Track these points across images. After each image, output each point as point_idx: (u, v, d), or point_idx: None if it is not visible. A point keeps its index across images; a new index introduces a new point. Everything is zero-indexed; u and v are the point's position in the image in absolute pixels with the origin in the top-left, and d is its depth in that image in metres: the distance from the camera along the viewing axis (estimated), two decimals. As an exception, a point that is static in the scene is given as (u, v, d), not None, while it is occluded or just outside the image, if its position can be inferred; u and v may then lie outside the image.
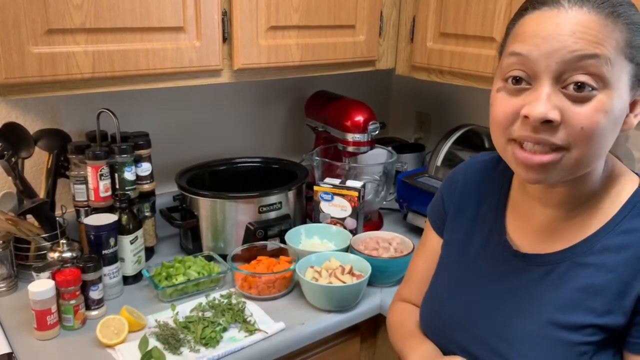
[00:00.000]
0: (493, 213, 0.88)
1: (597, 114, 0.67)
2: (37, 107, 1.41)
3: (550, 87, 0.68)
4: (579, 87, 0.67)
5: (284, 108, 1.88)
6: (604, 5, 0.67)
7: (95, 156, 1.28)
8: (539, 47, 0.68)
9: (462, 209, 0.94)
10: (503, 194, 0.89)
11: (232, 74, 1.32)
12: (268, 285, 1.27)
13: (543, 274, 0.78)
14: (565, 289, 0.75)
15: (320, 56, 1.43)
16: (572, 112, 0.67)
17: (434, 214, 1.02)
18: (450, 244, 0.95)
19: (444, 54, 1.47)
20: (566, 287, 0.75)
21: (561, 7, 0.68)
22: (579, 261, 0.75)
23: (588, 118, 0.67)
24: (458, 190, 0.95)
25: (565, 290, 0.75)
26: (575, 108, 0.67)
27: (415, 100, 2.05)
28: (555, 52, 0.67)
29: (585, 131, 0.67)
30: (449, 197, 0.97)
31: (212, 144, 1.73)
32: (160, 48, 1.18)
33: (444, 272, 0.94)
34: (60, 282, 1.13)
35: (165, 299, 1.26)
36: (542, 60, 0.67)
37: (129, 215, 1.30)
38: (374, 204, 1.67)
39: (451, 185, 0.97)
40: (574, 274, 0.75)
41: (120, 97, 1.43)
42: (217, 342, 1.11)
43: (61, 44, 1.06)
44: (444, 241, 0.97)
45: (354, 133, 1.60)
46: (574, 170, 0.71)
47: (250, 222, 1.43)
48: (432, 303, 0.94)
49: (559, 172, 0.71)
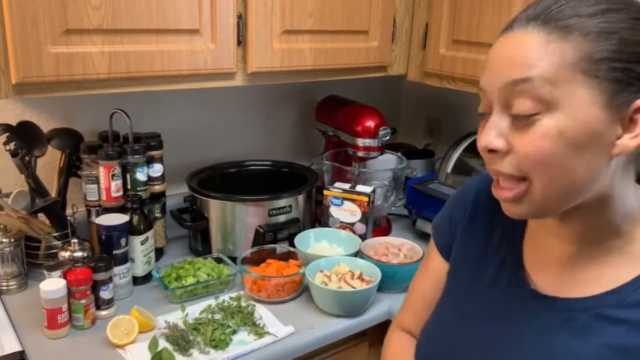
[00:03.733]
0: (507, 241, 0.80)
1: (541, 139, 0.61)
2: (50, 106, 1.42)
3: (499, 115, 0.64)
4: (521, 113, 0.62)
5: (294, 112, 1.88)
6: (550, 20, 0.62)
7: (107, 156, 1.28)
8: (486, 77, 0.66)
9: (472, 234, 0.85)
10: (519, 220, 0.79)
11: (245, 77, 1.32)
12: (277, 289, 1.28)
13: (564, 321, 0.69)
14: (591, 343, 0.66)
15: (333, 61, 1.44)
16: (516, 139, 0.63)
17: (439, 235, 0.93)
18: (458, 272, 0.87)
19: (457, 60, 1.47)
20: (592, 341, 0.66)
21: (510, 31, 0.65)
22: (607, 314, 0.66)
23: (531, 144, 0.62)
24: (468, 214, 0.87)
25: (590, 345, 0.66)
26: (519, 135, 0.63)
27: (425, 107, 2.06)
28: (495, 80, 0.64)
29: (531, 159, 0.62)
30: (456, 220, 0.89)
31: (222, 147, 1.73)
32: (176, 50, 1.18)
33: (451, 303, 0.86)
34: (72, 281, 1.13)
35: (175, 300, 1.27)
36: (489, 90, 0.65)
37: (140, 215, 1.30)
38: (383, 210, 1.67)
39: (460, 207, 0.89)
40: (601, 328, 0.66)
41: (132, 98, 1.44)
42: (226, 344, 1.11)
43: (78, 44, 1.07)
44: (451, 267, 0.89)
45: (365, 138, 1.60)
46: (549, 202, 0.65)
47: (260, 225, 1.43)
48: (433, 336, 0.86)
49: (534, 205, 0.65)
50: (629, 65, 0.60)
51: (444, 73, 1.52)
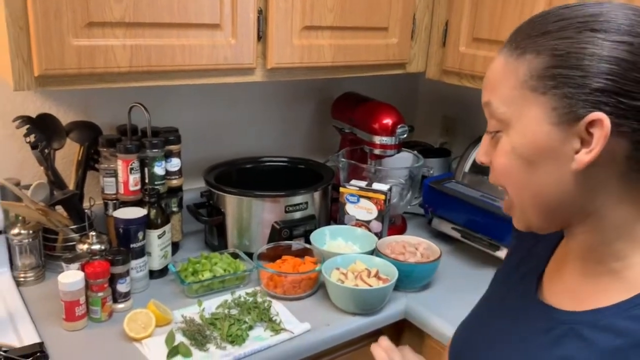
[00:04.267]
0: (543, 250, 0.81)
1: (501, 155, 0.67)
2: (70, 99, 1.42)
3: (487, 133, 0.70)
4: (490, 131, 0.69)
5: (310, 109, 1.88)
6: (512, 43, 0.65)
7: (126, 150, 1.28)
8: None
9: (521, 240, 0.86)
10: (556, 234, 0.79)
11: (264, 73, 1.32)
12: (294, 285, 1.27)
13: (546, 329, 0.71)
14: (552, 353, 0.68)
15: (352, 57, 1.43)
16: (492, 155, 0.69)
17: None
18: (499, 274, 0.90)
19: (477, 59, 1.46)
20: (554, 352, 0.68)
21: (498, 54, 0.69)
22: (578, 330, 0.67)
23: (495, 160, 0.68)
24: None
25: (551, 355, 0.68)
26: (494, 152, 0.69)
27: (442, 105, 2.04)
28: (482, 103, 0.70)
29: (497, 173, 0.69)
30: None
31: (237, 142, 1.73)
32: (197, 44, 1.18)
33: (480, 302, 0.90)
34: (89, 274, 1.13)
35: (191, 294, 1.27)
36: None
37: (157, 209, 1.30)
38: (399, 208, 1.66)
39: None
40: (567, 342, 0.67)
41: (150, 92, 1.44)
42: (243, 340, 1.11)
43: (100, 37, 1.07)
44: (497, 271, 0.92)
45: (382, 136, 1.59)
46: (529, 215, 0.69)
47: (276, 221, 1.43)
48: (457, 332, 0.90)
49: (518, 217, 0.70)
50: (577, 80, 0.59)
51: (464, 71, 1.50)
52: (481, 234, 1.47)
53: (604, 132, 0.58)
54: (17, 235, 1.26)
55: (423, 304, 1.30)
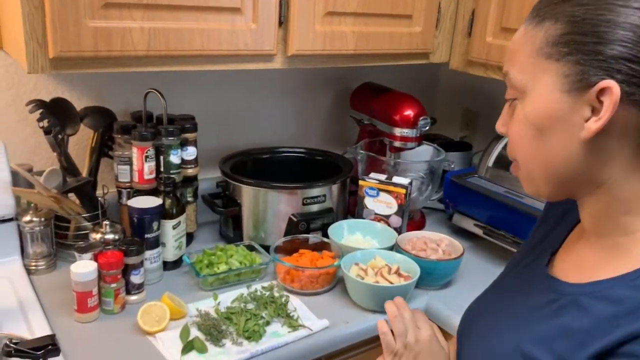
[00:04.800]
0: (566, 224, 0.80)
1: (516, 123, 0.67)
2: (83, 84, 1.38)
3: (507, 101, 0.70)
4: (508, 99, 0.69)
5: (327, 99, 1.83)
6: (534, 13, 0.65)
7: (142, 137, 1.25)
8: None
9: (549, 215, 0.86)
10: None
11: (285, 60, 1.27)
12: (311, 280, 1.23)
13: (551, 300, 0.70)
14: (552, 323, 0.68)
15: (375, 46, 1.38)
16: (509, 124, 0.69)
17: None
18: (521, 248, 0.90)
19: (505, 49, 1.40)
20: (553, 321, 0.68)
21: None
22: (579, 301, 0.66)
23: (512, 128, 0.68)
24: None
25: (551, 324, 0.68)
26: (510, 121, 0.69)
27: (463, 97, 1.99)
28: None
29: (511, 141, 0.69)
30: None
31: (252, 131, 1.69)
32: (216, 29, 1.13)
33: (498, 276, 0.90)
34: (103, 264, 1.10)
35: (206, 287, 1.23)
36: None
37: (172, 199, 1.27)
38: (418, 203, 1.62)
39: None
40: (568, 312, 0.67)
41: (165, 78, 1.40)
42: (260, 336, 1.07)
43: (117, 19, 1.03)
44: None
45: (403, 128, 1.55)
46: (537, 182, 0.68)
47: (293, 213, 1.39)
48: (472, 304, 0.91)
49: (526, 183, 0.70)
50: (591, 46, 0.59)
51: (490, 62, 1.45)
52: (504, 230, 1.42)
53: (613, 100, 0.58)
54: (28, 222, 1.22)
55: (444, 302, 1.25)
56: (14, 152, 1.30)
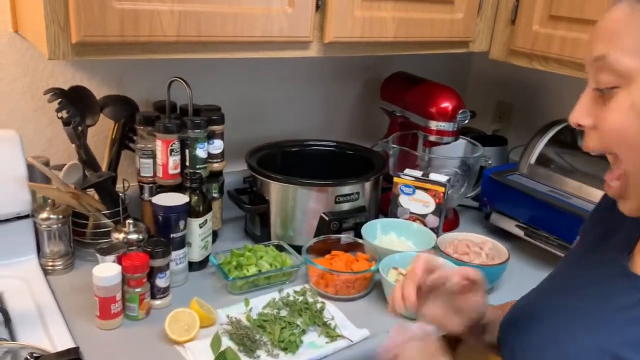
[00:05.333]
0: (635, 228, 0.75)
1: (616, 113, 0.61)
2: (104, 71, 1.29)
3: (589, 90, 0.65)
4: (601, 88, 0.62)
5: (356, 89, 1.73)
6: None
7: (166, 129, 1.16)
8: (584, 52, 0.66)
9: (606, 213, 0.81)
10: None
11: (321, 48, 1.18)
12: (347, 285, 1.15)
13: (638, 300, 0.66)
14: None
15: (415, 33, 1.28)
16: (600, 115, 0.63)
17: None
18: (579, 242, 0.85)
19: (553, 39, 1.30)
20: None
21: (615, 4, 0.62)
22: None
23: (607, 119, 0.62)
24: None
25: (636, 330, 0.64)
26: (603, 110, 0.63)
27: (496, 89, 1.89)
28: (587, 55, 0.64)
29: (609, 134, 0.62)
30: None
31: (278, 122, 1.60)
32: (250, 12, 1.04)
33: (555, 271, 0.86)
34: (127, 267, 1.02)
35: (235, 291, 1.15)
36: (586, 64, 0.65)
37: (199, 196, 1.18)
38: (452, 201, 1.53)
39: None
40: None
41: (189, 66, 1.31)
42: (296, 347, 1.00)
43: (146, 1, 0.94)
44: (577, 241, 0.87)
45: (439, 121, 1.46)
46: None
47: (324, 212, 1.30)
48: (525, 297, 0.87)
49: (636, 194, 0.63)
50: None
51: (536, 52, 1.35)
52: (548, 232, 1.34)
53: None
54: (45, 220, 1.14)
55: (488, 309, 1.17)
56: (29, 143, 1.21)
